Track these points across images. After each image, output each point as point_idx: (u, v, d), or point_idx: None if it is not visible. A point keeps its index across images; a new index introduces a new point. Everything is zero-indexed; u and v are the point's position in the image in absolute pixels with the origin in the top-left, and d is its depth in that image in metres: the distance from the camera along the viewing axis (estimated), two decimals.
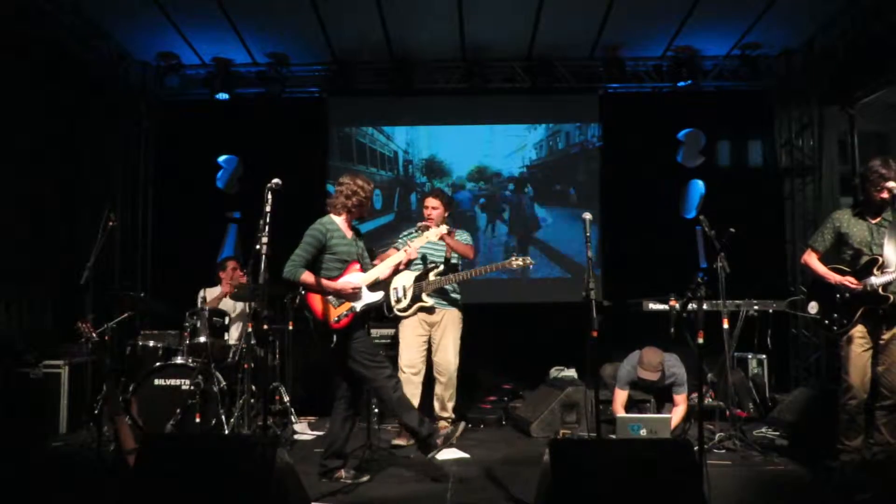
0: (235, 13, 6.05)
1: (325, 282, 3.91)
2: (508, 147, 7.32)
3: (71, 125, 6.54)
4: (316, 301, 3.94)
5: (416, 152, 7.32)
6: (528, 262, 4.85)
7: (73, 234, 6.31)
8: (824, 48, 6.42)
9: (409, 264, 4.85)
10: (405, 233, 5.16)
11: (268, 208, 3.58)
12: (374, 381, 3.95)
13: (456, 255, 5.09)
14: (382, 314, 4.97)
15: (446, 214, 5.07)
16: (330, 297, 3.92)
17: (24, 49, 5.73)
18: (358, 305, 3.97)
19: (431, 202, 5.03)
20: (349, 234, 4.11)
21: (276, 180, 3.69)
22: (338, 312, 3.92)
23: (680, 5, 5.97)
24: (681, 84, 6.84)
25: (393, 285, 5.07)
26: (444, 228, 4.55)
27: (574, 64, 7.05)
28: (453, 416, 5.16)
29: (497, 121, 7.30)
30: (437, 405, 5.10)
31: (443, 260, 5.04)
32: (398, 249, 4.74)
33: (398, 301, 5.04)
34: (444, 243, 4.99)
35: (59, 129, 6.40)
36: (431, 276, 4.99)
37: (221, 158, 7.35)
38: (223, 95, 6.93)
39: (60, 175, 6.45)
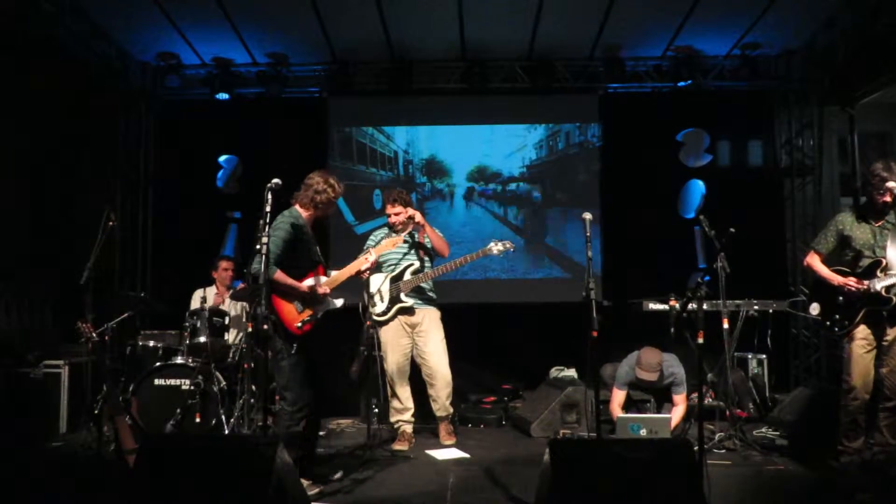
0: (235, 13, 6.05)
1: (292, 282, 3.73)
2: (508, 147, 7.31)
3: (71, 125, 6.54)
4: (281, 304, 3.75)
5: (416, 152, 7.32)
6: (507, 245, 4.77)
7: (73, 234, 6.31)
8: (824, 48, 6.42)
9: (378, 268, 4.87)
10: (376, 235, 5.08)
11: (268, 208, 3.58)
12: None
13: (426, 248, 4.97)
14: (361, 321, 4.87)
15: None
16: (295, 301, 3.77)
17: (25, 49, 5.73)
18: (320, 312, 3.84)
19: (395, 209, 4.85)
20: (311, 232, 3.99)
21: (276, 180, 3.69)
22: (301, 318, 3.77)
23: (680, 5, 5.97)
24: (681, 84, 6.84)
25: (370, 289, 4.92)
26: (412, 212, 4.34)
27: (574, 64, 7.05)
28: (451, 410, 5.16)
29: (497, 121, 7.29)
30: (434, 406, 5.07)
31: (417, 258, 4.95)
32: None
33: (374, 305, 4.91)
34: (415, 240, 4.93)
35: (59, 129, 6.40)
36: (407, 275, 4.90)
37: (221, 158, 7.34)
38: (223, 95, 6.93)
39: (60, 175, 6.45)
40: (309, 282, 3.82)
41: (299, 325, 3.76)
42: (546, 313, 6.80)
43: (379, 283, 4.95)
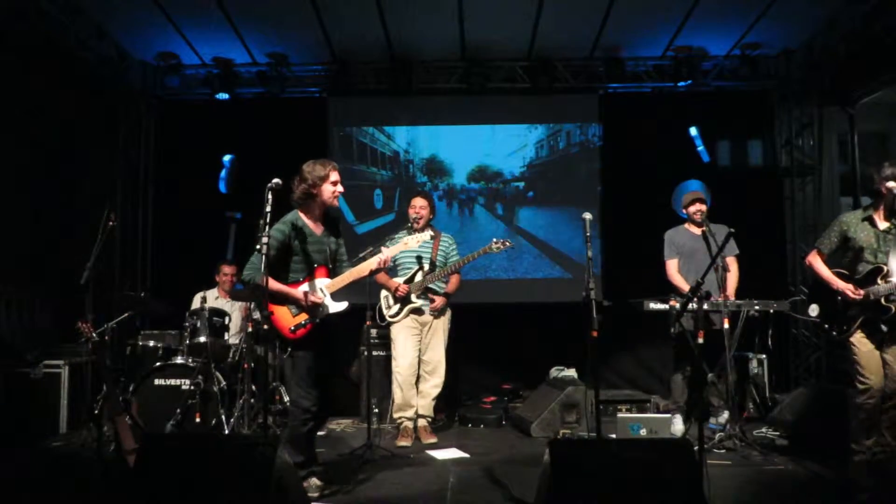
0: (235, 13, 6.05)
1: (282, 288, 3.69)
2: (509, 147, 7.31)
3: (71, 125, 6.54)
4: (274, 308, 3.69)
5: (416, 152, 7.32)
6: (507, 244, 4.96)
7: (73, 234, 6.31)
8: (824, 48, 6.42)
9: (393, 270, 5.12)
10: (397, 235, 5.16)
11: (268, 208, 3.58)
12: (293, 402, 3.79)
13: (442, 256, 5.16)
14: (376, 322, 5.05)
15: (431, 217, 5.20)
16: (289, 305, 3.74)
17: (25, 49, 5.73)
18: (318, 316, 3.77)
19: (419, 202, 5.14)
20: (319, 230, 3.91)
21: (276, 180, 3.69)
22: (295, 322, 3.73)
23: (680, 5, 5.97)
24: (681, 84, 6.84)
25: (382, 293, 5.17)
26: (427, 234, 4.36)
27: (574, 64, 7.05)
28: (433, 416, 5.22)
29: (497, 121, 7.30)
30: (420, 402, 5.12)
31: (429, 261, 5.13)
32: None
33: (389, 307, 5.13)
34: (430, 244, 5.11)
35: (59, 130, 6.39)
36: (418, 277, 5.08)
37: (225, 158, 7.33)
38: (223, 95, 6.93)
39: (60, 175, 6.45)
40: (303, 288, 3.76)
41: (292, 328, 3.73)
42: (546, 313, 6.80)
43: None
